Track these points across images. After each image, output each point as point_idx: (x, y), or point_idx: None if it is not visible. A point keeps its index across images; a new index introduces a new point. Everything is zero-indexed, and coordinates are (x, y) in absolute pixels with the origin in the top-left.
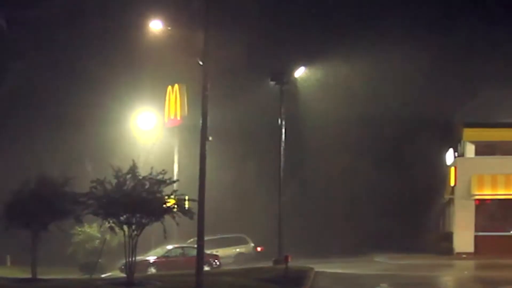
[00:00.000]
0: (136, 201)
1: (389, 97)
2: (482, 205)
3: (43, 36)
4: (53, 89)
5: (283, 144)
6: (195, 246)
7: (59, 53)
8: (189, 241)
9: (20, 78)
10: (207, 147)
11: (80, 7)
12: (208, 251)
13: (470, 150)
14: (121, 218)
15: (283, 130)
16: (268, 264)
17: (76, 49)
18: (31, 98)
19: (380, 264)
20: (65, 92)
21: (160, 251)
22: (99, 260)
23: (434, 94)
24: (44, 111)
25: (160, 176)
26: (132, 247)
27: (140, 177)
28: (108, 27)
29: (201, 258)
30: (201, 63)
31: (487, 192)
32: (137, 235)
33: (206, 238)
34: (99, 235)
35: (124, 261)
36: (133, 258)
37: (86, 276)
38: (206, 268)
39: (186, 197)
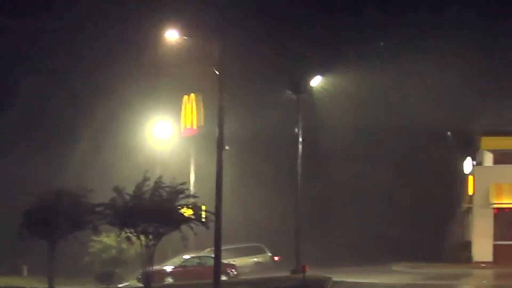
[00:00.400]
0: (154, 211)
1: (406, 106)
2: (500, 214)
3: (59, 47)
4: (70, 100)
5: (300, 153)
6: (212, 255)
7: (75, 64)
8: (206, 250)
9: (35, 90)
10: (223, 156)
11: (96, 17)
12: (225, 261)
13: (488, 158)
14: (138, 228)
15: (300, 139)
16: (286, 273)
17: (92, 59)
18: (47, 110)
19: (399, 273)
20: (81, 103)
21: (177, 260)
22: (116, 270)
23: (453, 102)
24: (61, 123)
25: (179, 187)
26: (149, 257)
27: (159, 187)
28: (124, 37)
29: (218, 267)
30: (217, 72)
31: (505, 201)
32: (154, 245)
33: (223, 247)
34: (116, 245)
35: (141, 270)
36: (150, 268)
37: (103, 286)
38: (223, 277)
39: (203, 207)
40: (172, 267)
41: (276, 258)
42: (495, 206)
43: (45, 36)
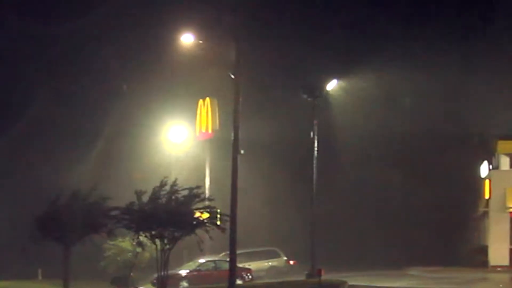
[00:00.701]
0: (170, 215)
1: (422, 110)
2: None
3: (75, 51)
4: (85, 103)
5: (315, 157)
6: (227, 259)
7: (89, 68)
8: (221, 254)
9: (51, 92)
10: (239, 160)
11: (112, 21)
12: (240, 265)
13: (504, 162)
14: (153, 232)
15: (316, 143)
16: (301, 277)
17: (108, 63)
18: (63, 113)
19: (414, 277)
20: (96, 106)
21: (192, 264)
22: (131, 274)
23: (470, 106)
24: (76, 126)
25: (195, 191)
26: (164, 261)
27: (175, 191)
28: (139, 41)
29: (233, 271)
30: (232, 76)
31: None
32: (170, 249)
33: (238, 251)
34: (131, 248)
35: (156, 274)
36: (165, 272)
37: None
38: (239, 281)
39: (218, 211)
40: (187, 271)
41: (291, 262)
42: None
43: (61, 40)
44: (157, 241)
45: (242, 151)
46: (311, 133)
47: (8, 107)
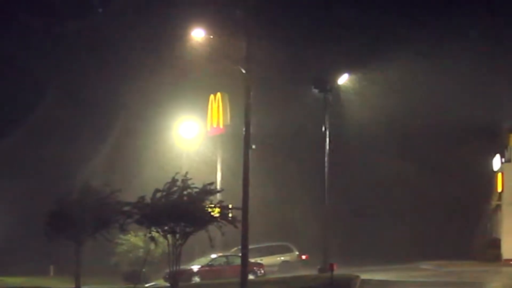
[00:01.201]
0: (182, 210)
1: (435, 104)
2: None
3: (86, 47)
4: (98, 99)
5: (327, 152)
6: (239, 254)
7: (101, 64)
8: (233, 250)
9: (65, 88)
10: (250, 155)
11: (122, 17)
12: (252, 260)
13: None
14: (165, 227)
15: (327, 138)
16: (313, 272)
17: (119, 59)
18: (77, 108)
19: (427, 271)
20: (109, 101)
21: (204, 260)
22: (143, 269)
23: (481, 99)
24: (89, 123)
25: (207, 187)
26: (176, 256)
27: (187, 187)
28: (150, 37)
29: (245, 266)
30: (243, 71)
31: None
32: (181, 244)
33: (250, 246)
34: (143, 244)
35: (168, 270)
36: (177, 267)
37: (130, 286)
38: (251, 276)
39: (230, 206)
40: (199, 266)
41: (303, 257)
42: None
43: (72, 37)
44: (169, 236)
45: (253, 146)
46: (323, 127)
47: (20, 104)
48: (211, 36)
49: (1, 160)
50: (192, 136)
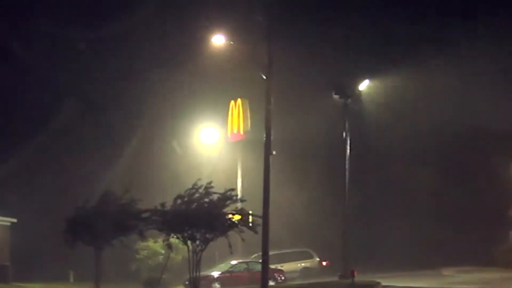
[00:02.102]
0: (203, 217)
1: (456, 108)
2: None
3: (107, 55)
4: (118, 106)
5: (347, 157)
6: (260, 261)
7: (122, 71)
8: (253, 256)
9: (86, 95)
10: (270, 161)
11: (142, 25)
12: (272, 266)
13: None
14: (185, 233)
15: (348, 144)
16: (334, 278)
17: (139, 66)
18: (98, 114)
19: (449, 277)
20: (128, 109)
21: (224, 266)
22: (163, 276)
23: (502, 104)
24: (107, 128)
25: (228, 193)
26: (196, 263)
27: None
28: (171, 43)
29: (266, 273)
30: (264, 77)
31: None
32: (202, 251)
33: (270, 253)
34: (162, 251)
35: (188, 276)
36: (198, 274)
37: None
38: (271, 283)
39: (250, 212)
40: (219, 272)
41: (324, 263)
42: None
43: (93, 45)
44: (189, 242)
45: (274, 152)
46: (343, 133)
47: (40, 111)
48: (232, 42)
49: (22, 168)
50: (212, 142)
